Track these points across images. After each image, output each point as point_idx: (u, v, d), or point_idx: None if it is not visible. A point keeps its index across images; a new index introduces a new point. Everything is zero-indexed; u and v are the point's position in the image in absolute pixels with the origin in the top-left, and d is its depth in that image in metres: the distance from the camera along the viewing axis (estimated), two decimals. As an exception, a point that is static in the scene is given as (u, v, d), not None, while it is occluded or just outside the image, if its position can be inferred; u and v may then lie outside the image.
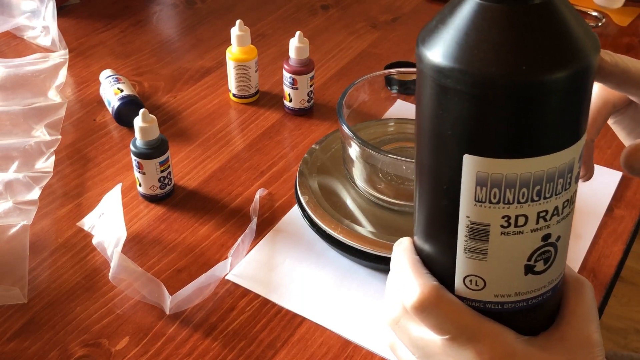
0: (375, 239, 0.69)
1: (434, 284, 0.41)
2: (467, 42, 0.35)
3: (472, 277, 0.40)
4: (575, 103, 0.37)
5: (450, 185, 0.38)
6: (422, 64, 0.37)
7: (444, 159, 0.38)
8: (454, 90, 0.36)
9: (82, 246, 0.74)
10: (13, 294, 0.67)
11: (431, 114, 0.38)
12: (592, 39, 0.36)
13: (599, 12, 1.18)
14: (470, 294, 0.41)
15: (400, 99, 0.94)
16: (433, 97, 0.37)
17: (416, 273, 0.42)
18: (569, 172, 0.38)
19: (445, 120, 0.37)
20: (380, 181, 0.74)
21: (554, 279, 0.41)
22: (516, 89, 0.35)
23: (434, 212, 0.41)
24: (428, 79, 0.37)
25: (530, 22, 0.35)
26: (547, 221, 0.38)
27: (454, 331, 0.40)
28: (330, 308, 0.67)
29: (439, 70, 0.36)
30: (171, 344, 0.64)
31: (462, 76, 0.35)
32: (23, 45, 1.09)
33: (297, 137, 0.90)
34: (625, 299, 1.71)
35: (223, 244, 0.74)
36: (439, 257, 0.42)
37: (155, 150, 0.76)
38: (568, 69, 0.35)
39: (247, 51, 0.92)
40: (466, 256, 0.40)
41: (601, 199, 0.80)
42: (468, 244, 0.39)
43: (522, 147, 0.36)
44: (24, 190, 0.79)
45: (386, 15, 1.20)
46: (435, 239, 0.42)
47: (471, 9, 0.35)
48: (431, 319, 0.41)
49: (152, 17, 1.19)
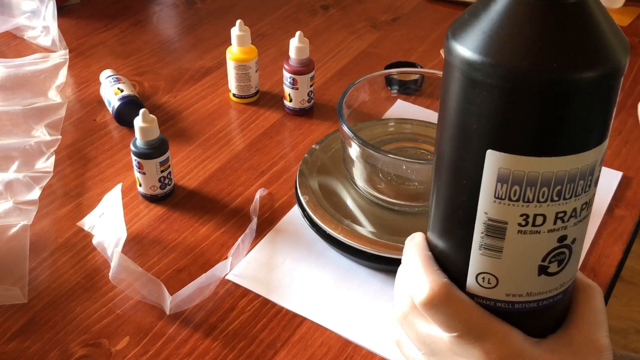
0: (375, 239, 0.69)
1: (444, 280, 0.41)
2: (500, 36, 0.35)
3: (485, 274, 0.40)
4: (602, 104, 0.36)
5: (470, 180, 0.38)
6: (451, 57, 0.37)
7: (467, 153, 0.38)
8: (483, 84, 0.36)
9: (82, 246, 0.74)
10: (13, 294, 0.67)
11: (457, 107, 0.38)
12: (623, 42, 0.36)
13: (599, 12, 1.18)
14: (481, 292, 0.41)
15: (400, 99, 0.94)
16: (461, 90, 0.37)
17: (427, 269, 0.42)
18: (590, 174, 0.38)
19: (471, 114, 0.37)
20: (380, 181, 0.74)
21: (565, 282, 0.41)
22: (545, 85, 0.34)
23: (451, 207, 0.41)
24: (457, 72, 0.37)
25: (564, 19, 0.35)
26: (565, 222, 0.38)
27: (462, 329, 0.40)
28: (330, 308, 0.67)
29: (469, 63, 0.36)
30: (171, 344, 0.64)
31: (493, 69, 0.35)
32: (23, 45, 1.09)
33: (297, 137, 0.90)
34: (626, 299, 1.71)
35: (223, 244, 0.74)
36: (452, 253, 0.42)
37: (156, 150, 0.76)
38: (598, 69, 0.35)
39: (247, 51, 0.92)
40: (481, 253, 0.40)
41: (601, 199, 0.80)
42: (484, 241, 0.39)
43: (547, 146, 0.36)
44: (24, 190, 0.79)
45: (386, 15, 1.20)
46: (450, 234, 0.42)
47: (506, 2, 0.35)
48: (440, 315, 0.41)
49: (152, 17, 1.19)
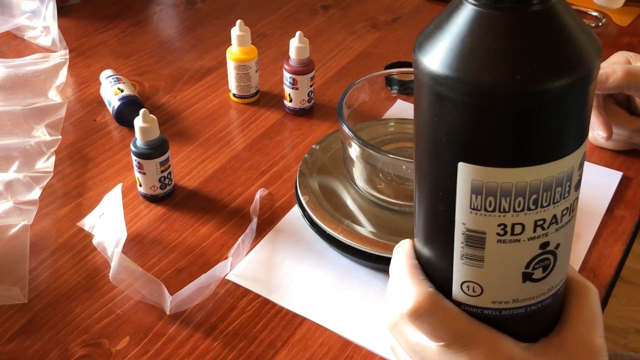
0: (375, 239, 0.69)
1: (429, 290, 0.41)
2: (462, 50, 0.34)
3: (469, 283, 0.40)
4: (572, 112, 0.35)
5: (446, 192, 0.38)
6: (418, 70, 0.36)
7: (440, 165, 0.38)
8: (448, 98, 0.35)
9: (83, 246, 0.74)
10: (13, 294, 0.67)
11: (427, 121, 0.37)
12: (593, 44, 0.35)
13: (599, 12, 1.18)
14: (467, 300, 0.40)
15: (400, 99, 0.94)
16: (428, 104, 0.36)
17: (413, 279, 0.42)
18: (567, 180, 0.37)
19: (440, 128, 0.36)
20: (380, 181, 0.74)
21: (554, 286, 0.41)
22: (510, 99, 0.34)
23: (431, 218, 0.40)
24: (424, 85, 0.36)
25: (527, 29, 0.33)
26: (545, 229, 0.38)
27: (449, 338, 0.40)
28: (330, 308, 0.67)
29: (433, 78, 0.35)
30: (171, 344, 0.64)
31: (456, 84, 0.34)
32: (23, 46, 1.09)
33: (297, 137, 0.90)
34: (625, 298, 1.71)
35: (223, 244, 0.74)
36: (437, 261, 0.41)
37: (156, 150, 0.76)
38: (564, 79, 0.34)
39: (248, 51, 0.92)
40: (463, 262, 0.39)
41: (601, 199, 0.80)
42: (464, 251, 0.39)
43: (518, 157, 0.35)
44: (24, 190, 0.79)
45: (386, 15, 1.20)
46: (433, 244, 0.41)
47: (467, 14, 0.34)
48: (426, 325, 0.41)
49: (152, 17, 1.19)
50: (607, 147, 0.86)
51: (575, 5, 1.21)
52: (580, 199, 0.80)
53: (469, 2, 0.34)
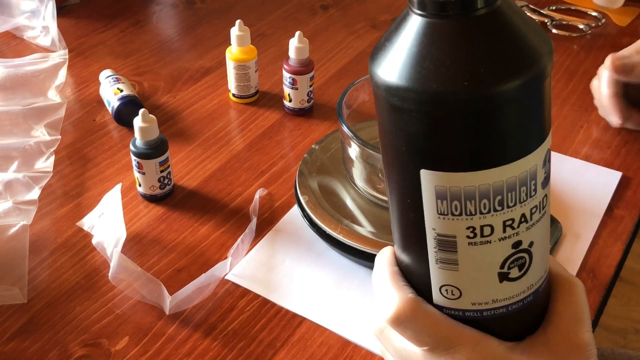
0: (375, 239, 0.69)
1: (409, 296, 0.41)
2: (411, 59, 0.34)
3: (447, 286, 0.40)
4: (528, 112, 0.35)
5: (413, 199, 0.38)
6: (372, 82, 0.37)
7: (404, 174, 0.38)
8: (402, 108, 0.35)
9: (82, 246, 0.74)
10: (13, 294, 0.67)
11: (386, 131, 0.37)
12: (544, 43, 0.35)
13: (599, 12, 1.18)
14: (448, 303, 0.41)
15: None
16: (386, 115, 0.37)
17: (394, 285, 0.42)
18: (532, 179, 0.37)
19: (398, 137, 0.36)
20: (380, 181, 0.74)
21: (533, 284, 0.40)
22: (460, 106, 0.34)
23: (404, 225, 0.41)
24: (379, 97, 0.36)
25: (472, 34, 0.33)
26: (515, 229, 0.38)
27: (432, 342, 0.40)
28: (330, 308, 0.67)
29: (386, 89, 0.35)
30: (171, 343, 0.64)
31: (407, 94, 0.34)
32: (23, 45, 1.09)
33: (297, 137, 0.90)
34: (625, 299, 1.71)
35: (223, 244, 0.74)
36: (415, 267, 0.42)
37: (155, 150, 0.76)
38: (513, 80, 0.33)
39: (247, 51, 0.92)
40: (438, 267, 0.39)
41: (601, 199, 0.80)
42: (438, 255, 0.39)
43: (477, 160, 0.35)
44: (24, 190, 0.79)
45: (386, 15, 1.20)
46: (409, 250, 0.42)
47: (414, 24, 0.34)
48: (408, 331, 0.41)
49: (152, 17, 1.19)
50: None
51: (575, 6, 1.20)
52: (580, 198, 0.80)
53: (415, 12, 0.35)
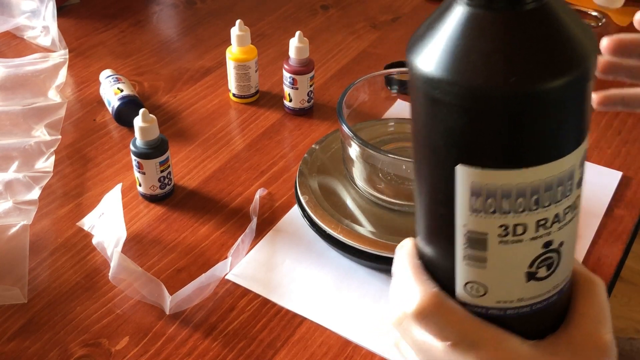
0: (375, 239, 0.69)
1: (434, 290, 0.41)
2: (455, 52, 0.33)
3: (472, 284, 0.40)
4: (570, 112, 0.35)
5: (445, 194, 0.37)
6: (411, 73, 0.36)
7: (438, 168, 0.37)
8: (442, 102, 0.34)
9: (82, 246, 0.74)
10: (13, 293, 0.67)
11: (423, 124, 0.37)
12: (590, 42, 0.34)
13: (599, 12, 1.18)
14: (471, 300, 0.40)
15: (400, 99, 0.94)
16: (423, 107, 0.36)
17: (417, 279, 0.42)
18: (569, 179, 0.36)
19: (436, 131, 0.36)
20: (380, 181, 0.74)
21: (559, 284, 0.40)
22: (505, 102, 0.33)
23: (432, 220, 0.40)
24: (418, 89, 0.36)
25: (520, 29, 0.33)
26: (548, 229, 0.37)
27: (455, 338, 0.40)
28: (330, 308, 0.67)
29: (426, 81, 0.34)
30: (171, 343, 0.64)
31: (450, 88, 0.33)
32: (23, 45, 1.09)
33: (297, 137, 0.90)
34: (625, 298, 1.71)
35: (223, 243, 0.74)
36: (439, 262, 0.41)
37: (155, 150, 0.76)
38: (560, 79, 0.33)
39: (247, 51, 0.92)
40: (465, 264, 0.39)
41: (601, 199, 0.80)
42: (467, 252, 0.38)
43: (516, 158, 0.35)
44: (24, 190, 0.79)
45: (386, 15, 1.20)
46: (435, 245, 0.41)
47: (459, 15, 0.34)
48: (432, 325, 0.41)
49: (152, 17, 1.19)
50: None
51: (575, 5, 1.20)
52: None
53: (460, 3, 0.34)
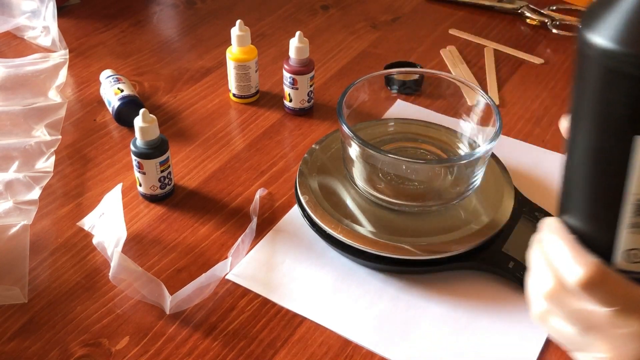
0: (375, 239, 0.69)
1: (595, 261, 0.43)
2: (636, 22, 0.34)
3: (635, 250, 0.42)
4: None
5: (617, 165, 0.38)
6: (586, 47, 0.36)
7: (612, 139, 0.38)
8: (624, 74, 0.35)
9: (82, 246, 0.74)
10: (13, 293, 0.67)
11: (597, 97, 0.37)
12: None
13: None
14: (630, 267, 0.43)
15: (400, 99, 0.94)
16: (599, 81, 0.36)
17: (576, 252, 0.44)
18: None
19: (614, 103, 0.36)
20: (380, 181, 0.74)
21: None
22: None
23: (596, 191, 0.42)
24: (593, 63, 0.36)
25: None
26: None
27: (622, 303, 0.43)
28: (330, 308, 0.67)
29: (607, 54, 0.35)
30: (171, 343, 0.64)
31: (635, 59, 0.34)
32: (23, 45, 1.09)
33: (297, 137, 0.90)
34: None
35: (223, 243, 0.74)
36: (597, 233, 0.43)
37: (156, 150, 0.76)
38: None
39: (247, 51, 0.92)
40: (630, 231, 0.41)
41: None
42: (633, 220, 0.40)
43: None
44: (24, 190, 0.79)
45: (386, 15, 1.20)
46: (595, 216, 0.43)
47: None
48: (598, 294, 0.43)
49: (152, 17, 1.19)
50: None
51: (575, 6, 1.20)
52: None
53: None
